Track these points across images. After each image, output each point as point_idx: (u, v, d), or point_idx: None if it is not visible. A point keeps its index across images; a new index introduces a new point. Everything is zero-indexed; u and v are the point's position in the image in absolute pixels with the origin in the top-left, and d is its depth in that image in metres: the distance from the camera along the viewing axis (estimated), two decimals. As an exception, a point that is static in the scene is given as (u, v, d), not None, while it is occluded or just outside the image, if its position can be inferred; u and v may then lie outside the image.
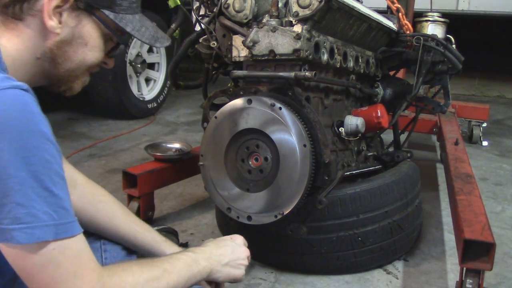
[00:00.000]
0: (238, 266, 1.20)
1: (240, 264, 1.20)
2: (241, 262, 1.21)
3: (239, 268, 1.20)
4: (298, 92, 1.44)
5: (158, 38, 1.05)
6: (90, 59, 0.99)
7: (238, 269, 1.19)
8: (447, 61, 1.95)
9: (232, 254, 1.19)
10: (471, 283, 1.31)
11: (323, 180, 1.41)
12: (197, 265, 1.08)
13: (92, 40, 0.97)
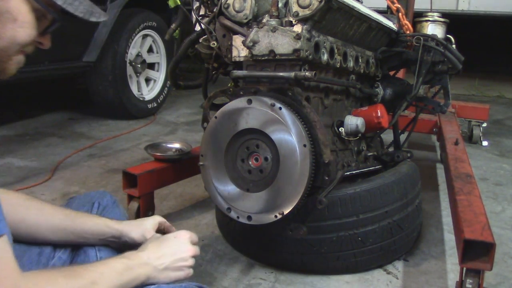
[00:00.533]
0: (180, 268, 1.11)
1: (182, 266, 1.12)
2: (183, 264, 1.12)
3: (181, 270, 1.11)
4: (298, 92, 1.44)
5: (93, 13, 0.98)
6: (22, 36, 0.91)
7: (179, 271, 1.11)
8: (447, 61, 1.95)
9: (173, 255, 1.11)
10: (471, 283, 1.31)
11: (323, 180, 1.41)
12: (130, 273, 1.00)
13: (21, 16, 0.89)
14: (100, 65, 3.60)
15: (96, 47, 3.48)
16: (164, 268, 1.08)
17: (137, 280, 1.01)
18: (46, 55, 3.21)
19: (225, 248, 1.87)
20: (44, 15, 0.94)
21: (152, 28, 3.93)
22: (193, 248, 1.16)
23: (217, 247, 1.88)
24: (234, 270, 1.72)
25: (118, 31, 3.59)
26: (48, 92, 4.72)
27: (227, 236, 1.91)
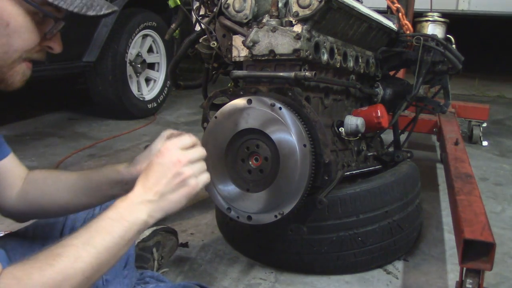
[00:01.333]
0: (179, 185, 0.93)
1: (180, 181, 0.93)
2: (180, 179, 0.93)
3: (182, 187, 0.93)
4: (298, 92, 1.44)
5: (92, 6, 0.88)
6: (18, 42, 0.84)
7: (181, 189, 0.93)
8: (447, 61, 1.95)
9: (163, 177, 0.92)
10: (471, 283, 1.31)
11: (323, 180, 1.41)
12: (123, 224, 0.86)
13: (13, 20, 0.82)
14: (100, 65, 3.60)
15: (96, 47, 3.48)
16: (160, 196, 0.92)
17: (136, 227, 0.88)
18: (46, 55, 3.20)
19: (225, 248, 1.87)
20: (45, 15, 0.87)
21: (152, 28, 3.93)
22: (185, 154, 0.95)
23: (217, 247, 1.88)
24: (234, 270, 1.72)
25: (118, 31, 3.59)
26: (48, 92, 4.72)
27: (227, 236, 1.91)
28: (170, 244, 1.70)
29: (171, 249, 1.71)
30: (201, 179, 0.97)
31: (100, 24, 3.47)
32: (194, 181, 0.95)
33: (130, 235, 0.88)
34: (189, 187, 0.94)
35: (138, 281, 1.35)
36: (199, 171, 0.97)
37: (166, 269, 1.68)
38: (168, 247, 1.69)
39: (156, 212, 0.92)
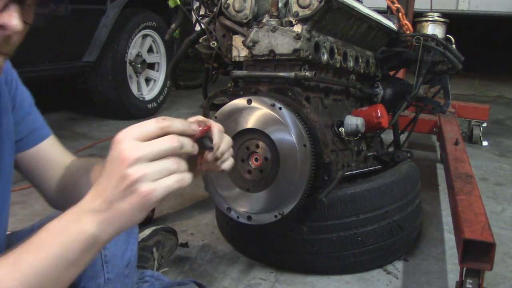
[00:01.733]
0: (129, 190, 0.66)
1: (129, 183, 0.66)
2: (126, 183, 0.66)
3: (132, 193, 0.66)
4: (298, 92, 1.44)
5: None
6: None
7: (132, 196, 0.67)
8: (447, 61, 1.95)
9: (110, 181, 0.67)
10: (471, 283, 1.31)
11: (323, 180, 1.41)
12: (64, 239, 0.68)
13: None
14: (100, 65, 3.60)
15: (96, 47, 3.48)
16: (109, 204, 0.67)
17: (80, 243, 0.67)
18: (46, 55, 3.21)
19: (225, 248, 1.87)
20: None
21: (152, 28, 3.93)
22: (136, 148, 0.66)
23: (217, 247, 1.88)
24: (234, 270, 1.72)
25: (118, 31, 3.59)
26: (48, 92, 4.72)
27: (227, 236, 1.91)
28: (170, 244, 1.70)
29: (171, 248, 1.71)
30: (162, 184, 0.66)
31: (100, 24, 3.47)
32: (147, 187, 0.65)
33: (75, 253, 0.67)
34: (139, 196, 0.66)
35: (138, 280, 1.35)
36: (157, 173, 0.66)
37: (166, 269, 1.68)
38: (168, 247, 1.69)
39: (106, 225, 0.68)
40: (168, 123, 0.70)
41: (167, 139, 0.69)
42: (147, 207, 0.68)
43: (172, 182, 0.68)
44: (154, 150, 0.67)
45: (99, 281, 1.16)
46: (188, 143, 0.71)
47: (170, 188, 0.68)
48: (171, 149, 0.68)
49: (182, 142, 0.70)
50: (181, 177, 0.69)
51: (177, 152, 0.69)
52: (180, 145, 0.69)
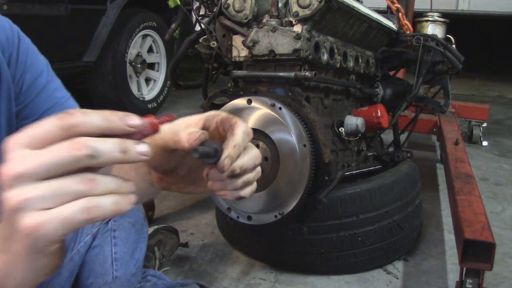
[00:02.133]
0: (8, 221, 0.45)
1: (8, 213, 0.45)
2: (7, 208, 0.45)
3: (12, 226, 0.45)
4: (298, 92, 1.44)
5: None
6: None
7: (13, 231, 0.45)
8: (447, 61, 1.95)
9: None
10: (471, 283, 1.31)
11: (323, 180, 1.41)
12: None
13: None
14: (100, 65, 3.60)
15: (96, 47, 3.48)
16: (3, 243, 0.48)
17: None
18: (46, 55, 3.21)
19: (225, 248, 1.87)
20: None
21: (152, 28, 3.93)
22: (24, 158, 0.44)
23: (217, 247, 1.88)
24: (234, 270, 1.72)
25: (118, 31, 3.59)
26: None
27: (227, 236, 1.91)
28: (171, 243, 1.70)
29: (172, 248, 1.71)
30: (57, 215, 0.44)
31: (100, 24, 3.47)
32: (31, 219, 0.43)
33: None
34: (21, 232, 0.44)
35: (140, 279, 1.35)
36: (48, 198, 0.44)
37: (167, 268, 1.68)
38: (169, 246, 1.69)
39: (6, 271, 0.49)
40: (75, 119, 0.45)
41: (65, 145, 0.43)
42: (43, 249, 0.46)
43: (73, 212, 0.44)
44: (44, 163, 0.43)
45: (107, 278, 1.16)
46: (109, 149, 0.45)
47: (72, 221, 0.44)
48: (72, 160, 0.43)
49: (95, 149, 0.44)
50: (94, 203, 0.44)
51: (84, 164, 0.44)
52: (91, 153, 0.44)
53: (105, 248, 1.17)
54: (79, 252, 1.17)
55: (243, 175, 0.61)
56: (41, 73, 0.92)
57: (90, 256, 1.16)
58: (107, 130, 0.47)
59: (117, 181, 0.47)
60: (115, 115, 0.49)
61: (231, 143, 0.58)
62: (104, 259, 1.17)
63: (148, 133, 0.50)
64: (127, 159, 0.46)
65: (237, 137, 0.58)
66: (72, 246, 1.16)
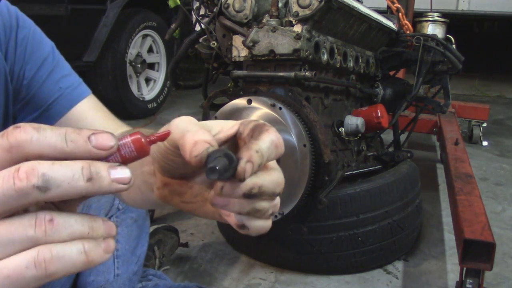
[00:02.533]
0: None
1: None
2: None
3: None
4: (298, 92, 1.44)
5: None
6: None
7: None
8: (447, 61, 1.95)
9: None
10: (471, 283, 1.31)
11: (323, 180, 1.41)
12: None
13: None
14: (100, 65, 3.60)
15: (96, 47, 3.48)
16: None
17: None
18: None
19: (225, 248, 1.87)
20: None
21: (152, 28, 3.93)
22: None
23: (217, 247, 1.88)
24: (234, 270, 1.72)
25: (118, 31, 3.59)
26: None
27: (227, 236, 1.91)
28: (171, 242, 1.70)
29: (172, 247, 1.71)
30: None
31: (100, 24, 3.47)
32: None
33: None
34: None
35: (141, 279, 1.35)
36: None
37: (167, 267, 1.68)
38: (169, 245, 1.69)
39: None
40: (22, 135, 0.33)
41: (5, 173, 0.33)
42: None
43: (21, 267, 0.33)
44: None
45: (109, 276, 1.15)
46: (67, 177, 0.33)
47: (19, 279, 0.33)
48: (15, 194, 0.32)
49: (46, 177, 0.33)
50: (51, 254, 0.33)
51: (33, 198, 0.33)
52: (40, 183, 0.32)
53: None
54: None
55: (258, 198, 0.47)
56: (45, 61, 0.84)
57: None
58: (67, 153, 0.34)
59: (89, 220, 0.35)
60: (78, 134, 0.35)
61: (254, 146, 0.44)
62: None
63: (131, 156, 0.38)
64: (95, 190, 0.34)
65: (261, 143, 0.45)
66: None
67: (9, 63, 0.79)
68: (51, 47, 0.86)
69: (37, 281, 0.33)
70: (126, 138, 0.37)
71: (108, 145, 0.35)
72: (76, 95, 0.86)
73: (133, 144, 0.37)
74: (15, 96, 0.81)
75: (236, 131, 0.49)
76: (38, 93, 0.82)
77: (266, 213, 0.49)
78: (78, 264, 0.34)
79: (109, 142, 0.35)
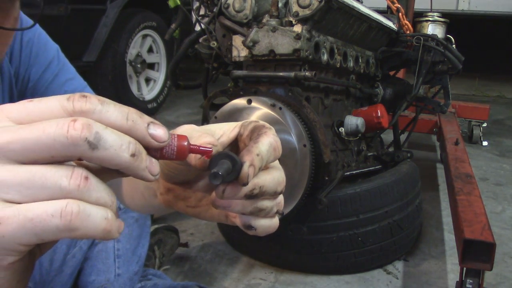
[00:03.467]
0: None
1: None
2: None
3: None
4: (298, 92, 1.44)
5: None
6: None
7: None
8: (447, 61, 1.95)
9: None
10: (471, 283, 1.31)
11: (323, 180, 1.41)
12: None
13: None
14: (100, 65, 3.60)
15: (96, 47, 3.48)
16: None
17: None
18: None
19: (225, 248, 1.87)
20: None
21: (152, 28, 3.93)
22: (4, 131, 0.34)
23: (217, 247, 1.88)
24: (234, 270, 1.72)
25: (118, 31, 3.59)
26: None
27: (227, 236, 1.91)
28: (171, 242, 1.70)
29: (172, 247, 1.71)
30: (25, 214, 0.33)
31: (100, 24, 3.47)
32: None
33: None
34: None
35: (141, 278, 1.35)
36: (22, 187, 0.33)
37: (167, 266, 1.68)
38: (169, 245, 1.69)
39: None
40: (87, 104, 0.35)
41: (60, 121, 0.33)
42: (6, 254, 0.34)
43: (47, 214, 0.33)
44: (25, 139, 0.33)
45: (109, 276, 1.16)
46: (117, 143, 0.35)
47: (43, 226, 0.33)
48: (65, 142, 0.33)
49: (99, 135, 0.34)
50: (79, 209, 0.33)
51: (80, 151, 0.33)
52: (92, 138, 0.33)
53: (108, 245, 1.17)
54: (82, 249, 1.16)
55: (259, 198, 0.47)
56: (50, 64, 0.84)
57: (92, 253, 1.16)
58: (123, 130, 0.37)
59: (113, 195, 0.36)
60: (140, 117, 0.39)
61: (254, 150, 0.44)
62: (107, 256, 1.16)
63: (170, 157, 0.39)
64: (132, 167, 0.36)
65: (261, 146, 0.45)
66: (74, 243, 1.16)
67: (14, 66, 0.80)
68: (56, 50, 0.87)
69: (58, 232, 0.33)
70: (174, 140, 0.39)
71: (162, 139, 0.38)
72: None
73: (177, 148, 0.39)
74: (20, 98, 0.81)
75: (237, 133, 0.50)
76: (43, 96, 0.80)
77: (271, 212, 0.50)
78: (99, 229, 0.34)
79: (163, 136, 0.38)
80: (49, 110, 0.34)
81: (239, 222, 0.49)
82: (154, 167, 0.37)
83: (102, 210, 0.34)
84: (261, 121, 0.50)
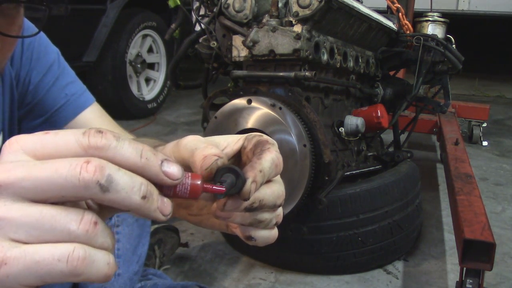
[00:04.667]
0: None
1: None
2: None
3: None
4: (298, 92, 1.44)
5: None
6: None
7: None
8: (447, 61, 1.96)
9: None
10: (471, 283, 1.31)
11: (323, 180, 1.41)
12: None
13: None
14: (100, 65, 3.60)
15: (96, 47, 3.48)
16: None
17: None
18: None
19: (225, 248, 1.87)
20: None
21: (152, 28, 3.93)
22: (19, 166, 0.34)
23: (217, 247, 1.88)
24: (234, 270, 1.72)
25: (118, 31, 3.59)
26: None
27: (227, 236, 1.91)
28: (171, 242, 1.70)
29: (172, 247, 1.71)
30: (31, 256, 0.33)
31: (100, 24, 3.47)
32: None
33: None
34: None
35: (141, 278, 1.35)
36: (30, 228, 0.33)
37: (168, 266, 1.68)
38: (169, 245, 1.69)
39: None
40: (103, 141, 0.35)
41: (73, 162, 0.33)
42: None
43: (54, 258, 0.33)
44: (38, 178, 0.33)
45: None
46: (128, 186, 0.35)
47: (47, 270, 0.33)
48: (77, 184, 0.33)
49: (111, 178, 0.34)
50: (86, 255, 0.33)
51: (91, 194, 0.34)
52: (104, 181, 0.33)
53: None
54: None
55: (258, 211, 0.48)
56: (50, 67, 0.84)
57: None
58: (137, 168, 0.36)
59: (114, 238, 0.36)
60: (154, 154, 0.37)
61: (257, 166, 0.45)
62: None
63: (183, 195, 0.39)
64: (142, 209, 0.36)
65: (264, 163, 0.46)
66: None
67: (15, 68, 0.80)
68: (57, 54, 0.87)
69: (62, 277, 0.33)
70: (187, 179, 0.39)
71: (176, 177, 0.38)
72: (81, 102, 0.89)
73: (190, 187, 0.39)
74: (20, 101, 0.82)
75: (241, 145, 0.51)
76: (44, 99, 0.83)
77: (270, 224, 0.52)
78: (101, 274, 0.34)
79: (177, 174, 0.38)
80: (64, 144, 0.35)
81: (239, 232, 0.51)
82: (166, 207, 0.37)
83: (106, 255, 0.35)
84: (264, 135, 0.51)
